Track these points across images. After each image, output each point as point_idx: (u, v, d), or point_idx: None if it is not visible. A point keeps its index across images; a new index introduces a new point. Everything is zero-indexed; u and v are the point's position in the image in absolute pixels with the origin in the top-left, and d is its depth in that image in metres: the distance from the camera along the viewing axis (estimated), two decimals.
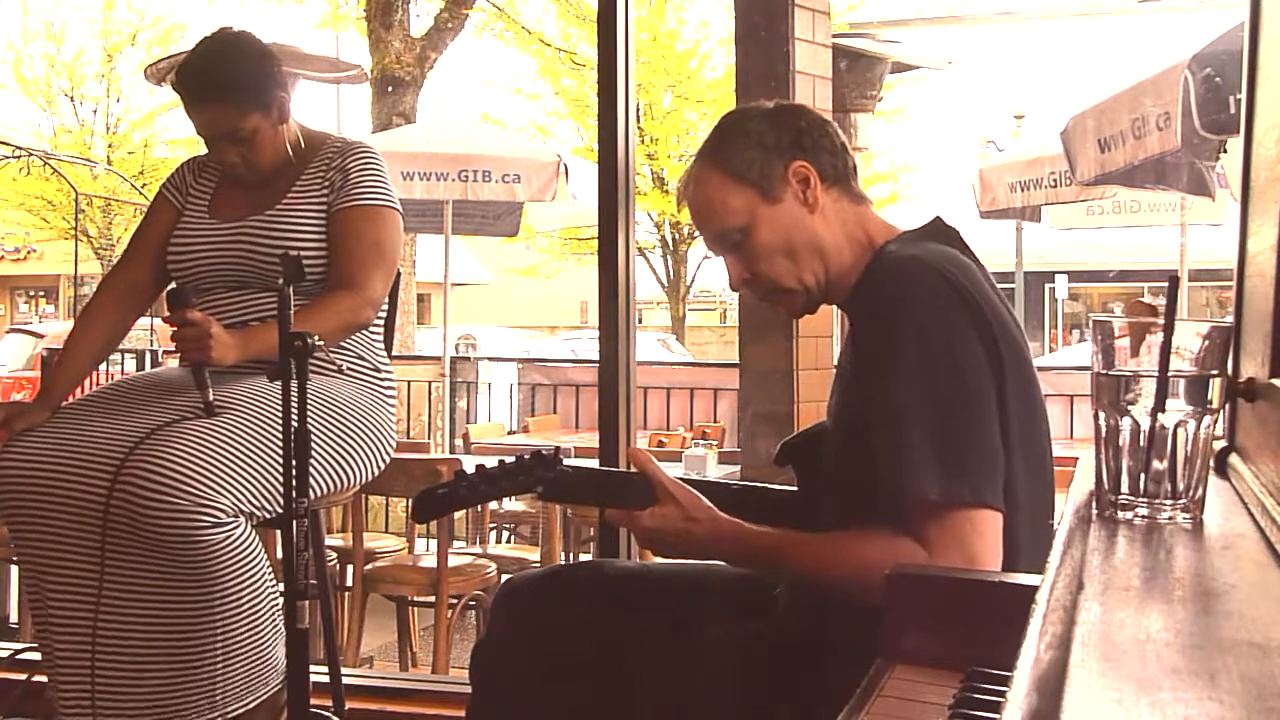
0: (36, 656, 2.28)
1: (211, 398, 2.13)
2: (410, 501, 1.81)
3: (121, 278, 2.49)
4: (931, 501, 1.39)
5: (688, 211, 1.69)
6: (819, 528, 1.59)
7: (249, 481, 2.10)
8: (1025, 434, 1.48)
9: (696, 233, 1.73)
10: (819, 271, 1.61)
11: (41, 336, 13.24)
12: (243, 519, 2.10)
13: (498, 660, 1.74)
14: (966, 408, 1.42)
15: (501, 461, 1.71)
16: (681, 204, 1.71)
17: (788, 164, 1.59)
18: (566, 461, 1.71)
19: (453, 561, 3.78)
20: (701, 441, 4.91)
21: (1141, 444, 0.88)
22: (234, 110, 2.32)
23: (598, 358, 2.96)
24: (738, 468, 4.03)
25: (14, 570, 3.89)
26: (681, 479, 1.64)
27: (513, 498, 6.02)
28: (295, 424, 1.94)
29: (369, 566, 3.87)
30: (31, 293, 24.88)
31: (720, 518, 1.58)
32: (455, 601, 3.86)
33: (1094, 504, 0.92)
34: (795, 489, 1.74)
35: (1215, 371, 0.89)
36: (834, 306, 1.71)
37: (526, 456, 1.72)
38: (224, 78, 2.33)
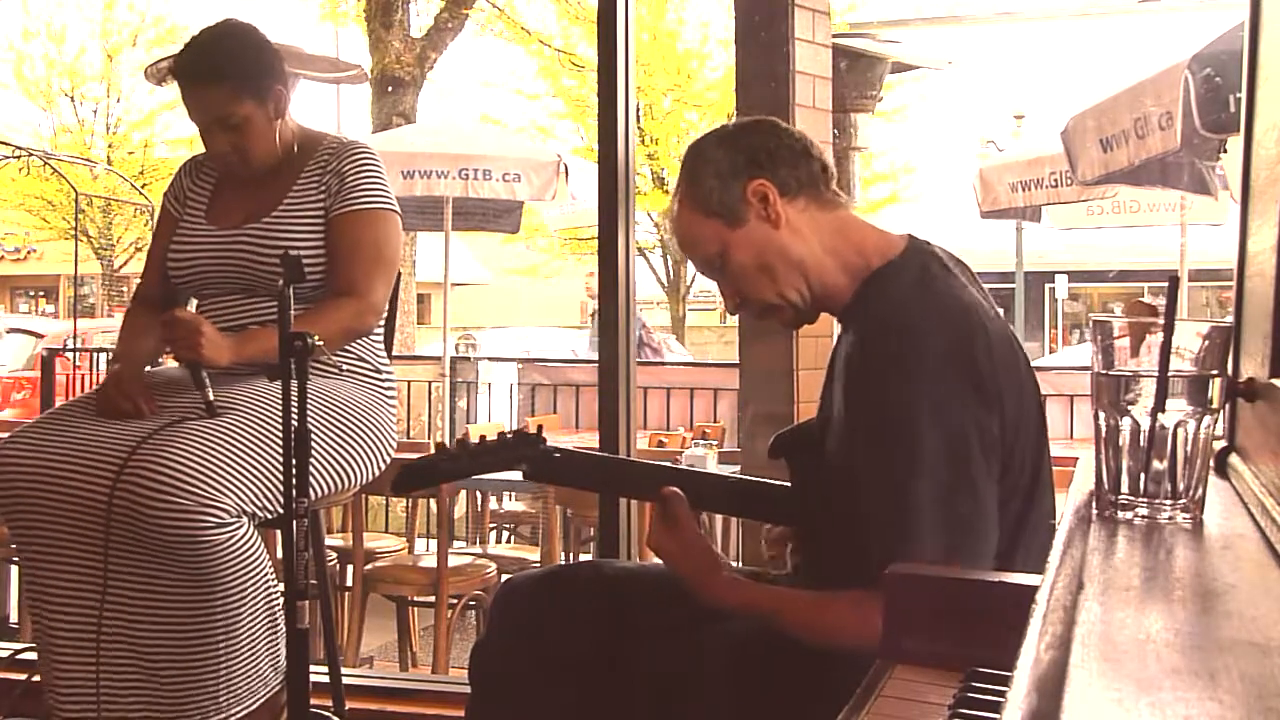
0: (36, 656, 2.28)
1: (212, 397, 2.13)
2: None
3: (144, 294, 2.52)
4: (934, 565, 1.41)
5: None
6: (809, 523, 1.61)
7: (252, 482, 2.10)
8: (1026, 472, 1.52)
9: None
10: (800, 285, 1.63)
11: (41, 336, 13.22)
12: (245, 519, 2.10)
13: (497, 660, 1.74)
14: (964, 471, 1.44)
15: (483, 437, 1.71)
16: (672, 238, 1.75)
17: (744, 185, 1.61)
18: (551, 442, 1.72)
19: (453, 561, 3.78)
20: (701, 441, 4.90)
21: (1141, 444, 0.88)
22: (227, 93, 2.31)
23: (598, 358, 2.96)
24: (738, 468, 4.03)
25: (14, 570, 3.89)
26: (683, 468, 1.66)
27: (510, 495, 6.03)
28: (295, 424, 1.94)
29: (369, 566, 3.87)
30: (31, 293, 24.88)
31: (725, 574, 1.61)
32: (455, 601, 3.86)
33: (1094, 504, 0.92)
34: (789, 484, 1.74)
35: (1215, 371, 0.89)
36: None
37: (509, 434, 1.72)
38: (220, 59, 2.32)
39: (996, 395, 1.46)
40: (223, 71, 2.31)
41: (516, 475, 1.75)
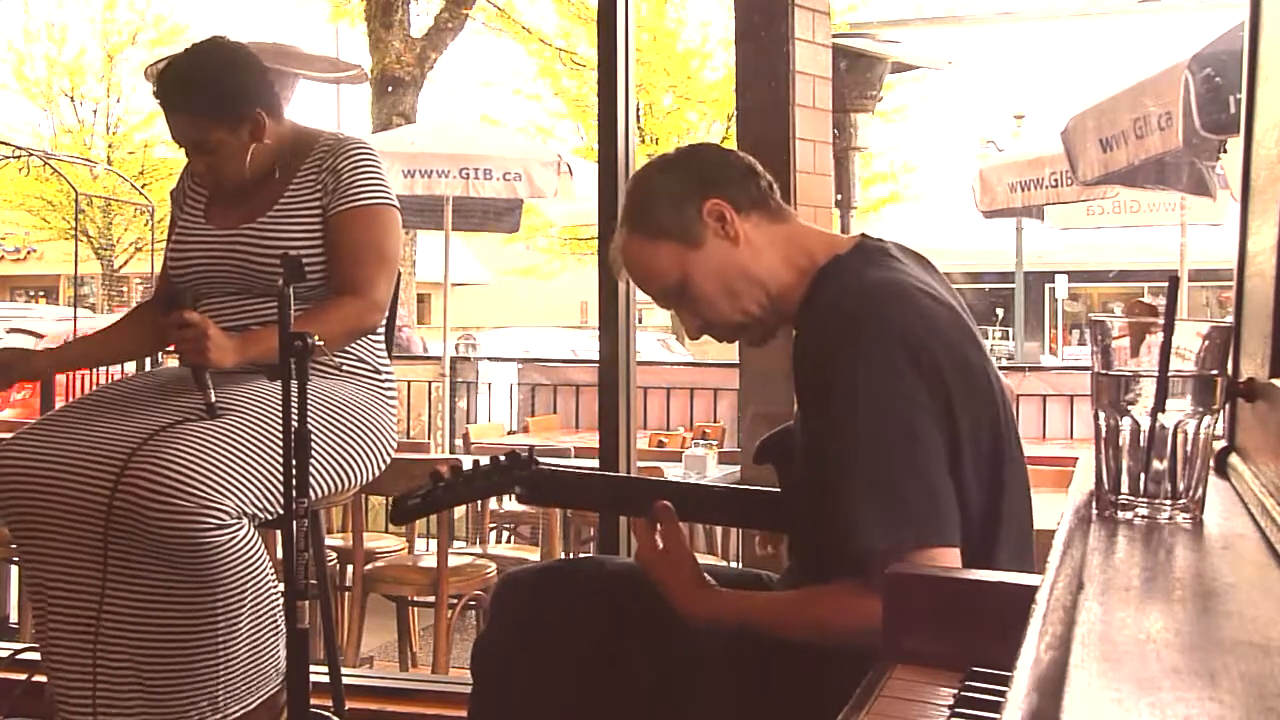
0: (36, 656, 2.28)
1: (213, 399, 2.13)
2: (388, 505, 1.84)
3: (158, 294, 2.55)
4: (880, 551, 1.39)
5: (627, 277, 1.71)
6: (798, 526, 1.62)
7: (252, 483, 2.10)
8: (985, 462, 1.49)
9: None
10: (761, 299, 1.62)
11: (42, 336, 13.22)
12: (246, 520, 2.10)
13: (498, 654, 1.74)
14: (907, 452, 1.42)
15: (476, 463, 1.72)
16: (619, 274, 1.72)
17: (700, 206, 1.61)
18: (545, 462, 1.73)
19: (453, 561, 3.78)
20: (701, 441, 4.91)
21: (1141, 444, 0.88)
22: (199, 120, 2.31)
23: (598, 358, 2.96)
24: (738, 468, 4.03)
25: (14, 570, 3.89)
26: (673, 481, 1.66)
27: (510, 495, 6.03)
28: (295, 424, 1.94)
29: (369, 566, 3.87)
30: (31, 293, 24.88)
31: (705, 588, 1.61)
32: (455, 601, 3.86)
33: (1094, 504, 0.92)
34: (778, 489, 1.74)
35: (1215, 371, 0.89)
36: None
37: (501, 458, 1.73)
38: (192, 87, 2.32)
39: (937, 374, 1.44)
40: (194, 101, 2.31)
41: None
